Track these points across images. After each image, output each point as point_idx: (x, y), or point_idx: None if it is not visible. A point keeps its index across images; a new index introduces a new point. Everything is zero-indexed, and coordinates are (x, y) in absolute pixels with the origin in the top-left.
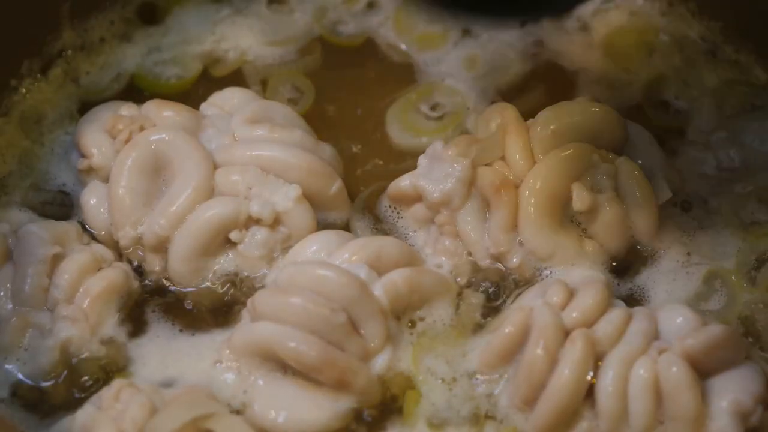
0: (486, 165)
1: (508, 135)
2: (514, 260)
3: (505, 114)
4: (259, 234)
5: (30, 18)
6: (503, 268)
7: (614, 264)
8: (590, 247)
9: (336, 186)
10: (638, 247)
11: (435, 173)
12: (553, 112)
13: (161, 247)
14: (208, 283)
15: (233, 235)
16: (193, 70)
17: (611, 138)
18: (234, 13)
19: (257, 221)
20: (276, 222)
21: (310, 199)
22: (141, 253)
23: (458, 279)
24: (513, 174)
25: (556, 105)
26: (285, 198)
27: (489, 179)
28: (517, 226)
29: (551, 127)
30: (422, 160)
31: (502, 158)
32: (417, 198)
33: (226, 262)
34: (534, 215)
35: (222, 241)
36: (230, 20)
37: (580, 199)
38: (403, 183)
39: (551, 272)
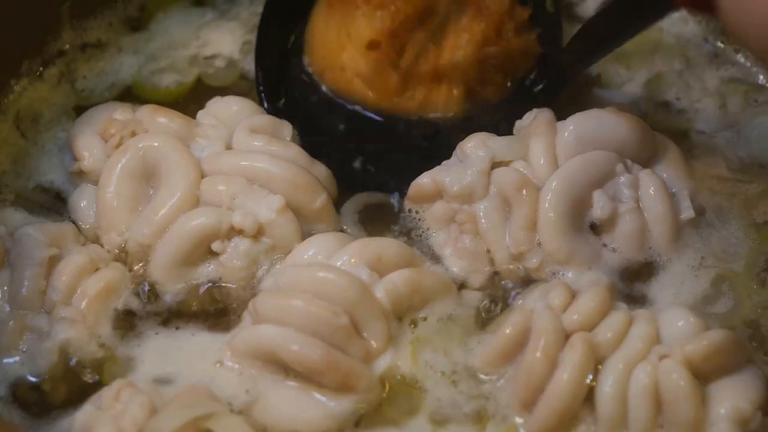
0: (506, 165)
1: (535, 136)
2: (534, 261)
3: (539, 116)
4: (241, 245)
5: (30, 18)
6: (521, 270)
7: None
8: (607, 255)
9: (321, 200)
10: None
11: (454, 168)
12: (581, 118)
13: (144, 254)
14: (193, 289)
15: (215, 246)
16: (188, 78)
17: (638, 149)
18: (218, 17)
19: (240, 232)
20: (259, 233)
21: (295, 211)
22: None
23: (475, 279)
24: (534, 176)
25: (585, 111)
26: (268, 209)
27: (510, 178)
28: (536, 227)
29: (578, 132)
30: (446, 161)
31: (525, 159)
32: (437, 195)
33: (208, 272)
34: (553, 218)
35: (204, 251)
36: (214, 24)
37: (600, 207)
38: (423, 180)
39: (567, 276)
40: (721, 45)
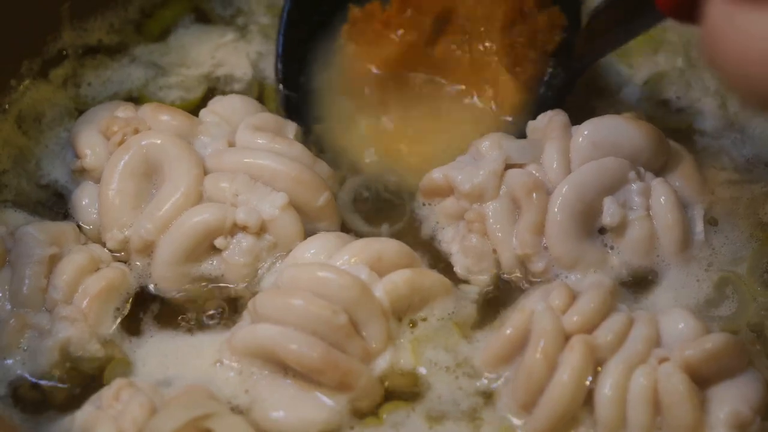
0: (519, 167)
1: (549, 140)
2: (539, 264)
3: (554, 119)
4: (244, 241)
5: (30, 18)
6: (526, 272)
7: None
8: (614, 261)
9: (324, 197)
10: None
11: (468, 167)
12: (596, 123)
13: (147, 251)
14: (194, 287)
15: (218, 242)
16: (195, 95)
17: (652, 157)
18: (237, 38)
19: (243, 228)
20: (262, 230)
21: (298, 208)
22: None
23: (479, 278)
24: (547, 179)
25: (600, 117)
26: (271, 206)
27: (521, 180)
28: (544, 230)
29: (592, 138)
30: (461, 157)
31: (538, 162)
32: (449, 191)
33: (211, 269)
34: (561, 223)
35: (207, 247)
36: (232, 45)
37: (610, 214)
38: (435, 175)
39: (571, 278)
40: None
